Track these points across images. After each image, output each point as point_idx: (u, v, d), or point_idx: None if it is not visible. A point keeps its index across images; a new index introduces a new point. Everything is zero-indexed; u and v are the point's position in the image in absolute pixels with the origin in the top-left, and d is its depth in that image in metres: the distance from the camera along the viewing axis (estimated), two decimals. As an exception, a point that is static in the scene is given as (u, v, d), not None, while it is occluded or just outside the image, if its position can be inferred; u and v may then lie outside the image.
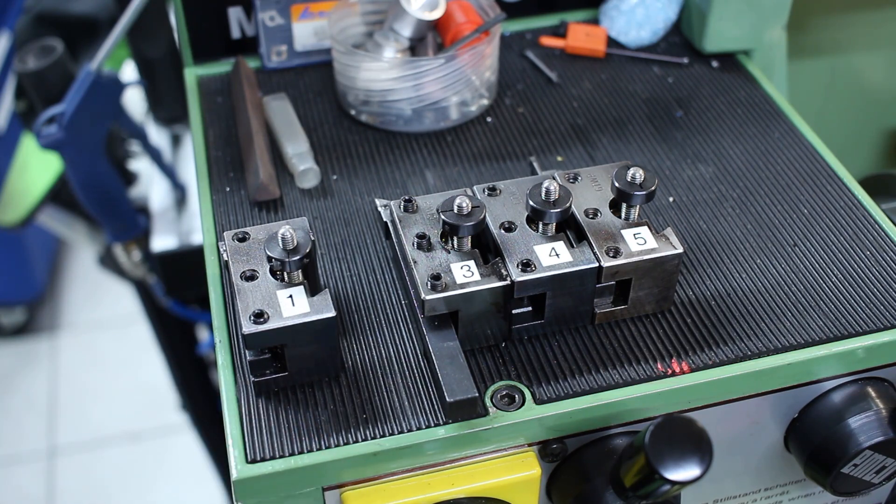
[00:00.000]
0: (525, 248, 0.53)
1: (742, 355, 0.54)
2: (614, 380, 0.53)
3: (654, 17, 0.79)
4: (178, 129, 1.24)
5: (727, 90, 0.75)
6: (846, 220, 0.63)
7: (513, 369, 0.54)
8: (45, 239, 2.01)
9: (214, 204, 0.66)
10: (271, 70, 0.79)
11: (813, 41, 0.98)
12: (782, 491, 0.63)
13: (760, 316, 0.57)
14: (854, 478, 0.57)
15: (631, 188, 0.54)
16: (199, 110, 0.75)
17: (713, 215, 0.64)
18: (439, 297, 0.51)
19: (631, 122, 0.73)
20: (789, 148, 0.69)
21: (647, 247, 0.54)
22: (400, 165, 0.69)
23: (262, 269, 0.53)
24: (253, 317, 0.50)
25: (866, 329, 0.56)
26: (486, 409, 0.51)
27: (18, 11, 1.20)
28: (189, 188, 1.12)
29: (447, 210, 0.52)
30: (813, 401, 0.57)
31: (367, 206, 0.65)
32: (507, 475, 0.52)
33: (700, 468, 0.44)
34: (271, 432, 0.50)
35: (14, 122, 1.33)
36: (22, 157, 1.36)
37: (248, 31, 0.79)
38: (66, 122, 0.87)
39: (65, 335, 2.04)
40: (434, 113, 0.71)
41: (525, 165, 0.69)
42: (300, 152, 0.68)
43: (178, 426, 1.77)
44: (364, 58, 0.70)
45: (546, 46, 0.81)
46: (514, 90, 0.76)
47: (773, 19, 0.76)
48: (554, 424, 0.52)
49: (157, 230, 1.07)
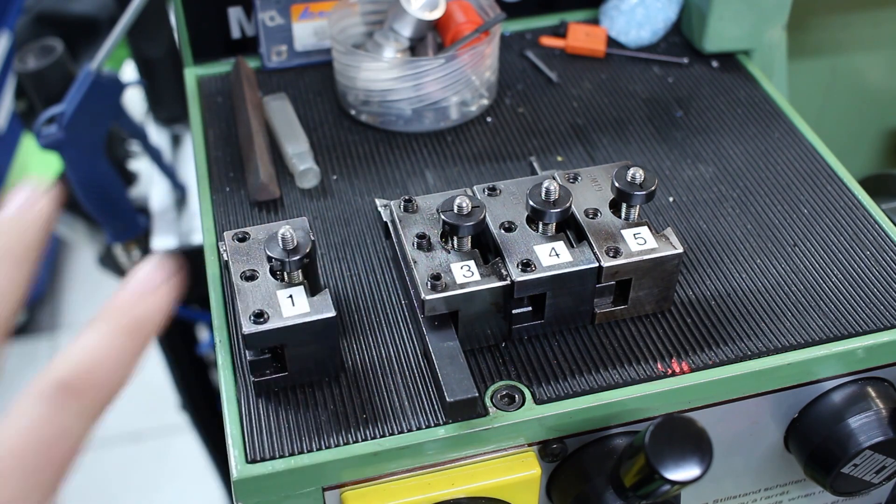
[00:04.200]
0: (525, 248, 0.53)
1: (742, 355, 0.54)
2: (614, 380, 0.53)
3: (654, 17, 0.79)
4: (178, 129, 1.24)
5: (727, 90, 0.75)
6: (846, 220, 0.63)
7: (513, 369, 0.54)
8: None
9: (214, 204, 0.66)
10: (271, 70, 0.79)
11: (813, 41, 0.98)
12: (782, 491, 0.63)
13: (760, 316, 0.57)
14: (854, 478, 0.57)
15: (631, 188, 0.54)
16: (199, 110, 0.75)
17: (713, 215, 0.64)
18: (439, 297, 0.51)
19: (631, 122, 0.73)
20: (789, 148, 0.69)
21: (647, 247, 0.54)
22: (400, 165, 0.69)
23: (262, 269, 0.53)
24: (253, 317, 0.50)
25: (866, 329, 0.56)
26: (486, 409, 0.51)
27: (18, 11, 1.19)
28: (189, 188, 1.12)
29: (447, 210, 0.52)
30: (813, 401, 0.57)
31: (367, 206, 0.65)
32: (507, 475, 0.52)
33: (700, 468, 0.44)
34: (271, 432, 0.50)
35: (14, 122, 1.33)
36: (22, 157, 1.36)
37: (248, 31, 0.79)
38: (66, 122, 0.87)
39: (65, 335, 2.04)
40: (434, 113, 0.71)
41: (525, 165, 0.69)
42: (300, 152, 0.68)
43: (179, 426, 1.77)
44: (364, 58, 0.70)
45: (546, 46, 0.81)
46: (514, 90, 0.76)
47: (773, 19, 0.76)
48: (554, 424, 0.52)
49: (157, 230, 1.07)
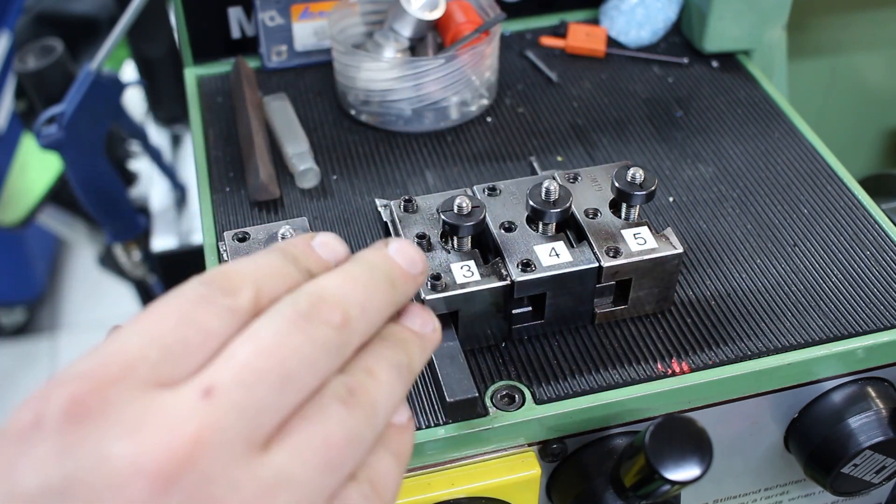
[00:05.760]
0: (525, 248, 0.53)
1: (742, 355, 0.54)
2: (614, 380, 0.53)
3: (654, 17, 0.79)
4: (178, 129, 1.24)
5: (727, 90, 0.75)
6: (846, 220, 0.63)
7: (513, 369, 0.54)
8: (45, 239, 2.00)
9: (214, 204, 0.66)
10: (271, 70, 0.79)
11: (813, 41, 0.98)
12: (782, 491, 0.63)
13: (760, 316, 0.57)
14: (854, 478, 0.57)
15: (631, 188, 0.54)
16: (199, 110, 0.75)
17: (713, 215, 0.64)
18: (439, 297, 0.51)
19: (631, 122, 0.73)
20: (789, 148, 0.69)
21: (647, 247, 0.54)
22: (400, 165, 0.69)
23: (262, 269, 0.52)
24: (253, 317, 0.49)
25: (866, 329, 0.56)
26: (486, 409, 0.51)
27: (18, 11, 1.20)
28: (189, 188, 1.12)
29: (447, 210, 0.52)
30: (813, 401, 0.57)
31: (367, 206, 0.65)
32: (507, 475, 0.52)
33: (700, 468, 0.44)
34: (271, 432, 0.50)
35: (14, 122, 1.33)
36: (22, 157, 1.36)
37: (248, 31, 0.79)
38: (66, 122, 0.87)
39: (65, 335, 2.04)
40: (434, 113, 0.71)
41: (525, 165, 0.69)
42: (300, 152, 0.68)
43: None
44: (364, 58, 0.70)
45: (546, 46, 0.81)
46: (514, 90, 0.76)
47: (773, 19, 0.76)
48: (554, 424, 0.52)
49: (157, 230, 1.07)
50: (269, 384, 0.28)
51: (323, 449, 0.29)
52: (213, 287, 0.30)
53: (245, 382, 0.28)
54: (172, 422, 0.27)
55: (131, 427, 0.27)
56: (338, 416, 0.30)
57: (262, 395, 0.28)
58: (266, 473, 0.28)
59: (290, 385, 0.29)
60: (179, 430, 0.27)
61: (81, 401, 0.27)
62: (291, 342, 0.29)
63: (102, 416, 0.27)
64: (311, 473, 0.29)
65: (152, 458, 0.26)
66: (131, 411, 0.27)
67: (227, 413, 0.27)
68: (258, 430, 0.28)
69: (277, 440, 0.29)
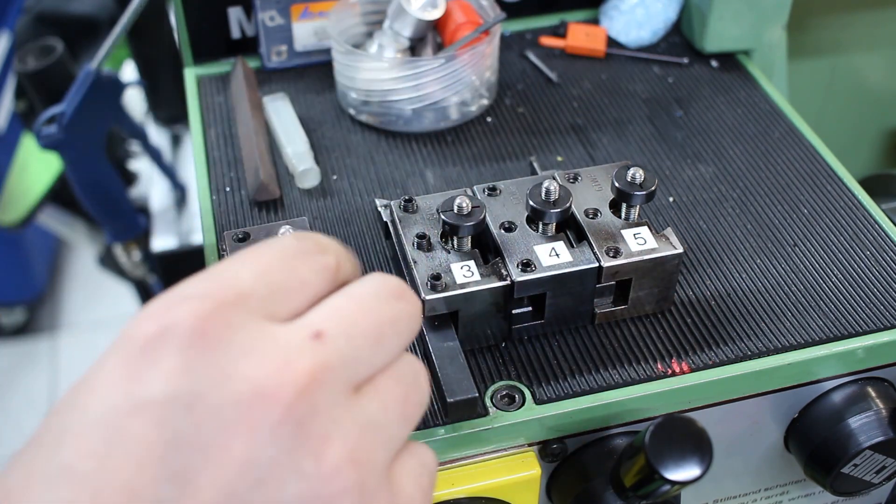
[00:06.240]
0: (525, 248, 0.53)
1: (742, 355, 0.54)
2: (614, 380, 0.53)
3: (654, 17, 0.79)
4: (178, 129, 1.24)
5: (727, 90, 0.75)
6: (846, 220, 0.63)
7: (513, 369, 0.54)
8: (45, 239, 2.00)
9: (214, 204, 0.66)
10: (271, 70, 0.79)
11: (813, 41, 0.98)
12: (782, 491, 0.63)
13: (760, 316, 0.57)
14: (854, 478, 0.57)
15: (631, 188, 0.54)
16: (199, 110, 0.75)
17: (713, 215, 0.64)
18: (439, 297, 0.51)
19: (631, 122, 0.73)
20: (789, 148, 0.69)
21: (647, 247, 0.54)
22: (400, 165, 0.69)
23: (262, 269, 0.52)
24: (253, 317, 0.49)
25: (866, 329, 0.56)
26: (486, 409, 0.51)
27: (18, 11, 1.20)
28: (189, 188, 1.12)
29: (447, 210, 0.52)
30: (813, 401, 0.57)
31: (367, 206, 0.65)
32: (507, 475, 0.52)
33: (700, 468, 0.44)
34: (271, 432, 0.50)
35: (14, 122, 1.33)
36: (22, 157, 1.36)
37: (248, 31, 0.79)
38: (66, 122, 0.87)
39: (65, 335, 2.04)
40: (434, 113, 0.71)
41: (525, 165, 0.69)
42: (300, 152, 0.68)
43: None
44: (364, 58, 0.70)
45: (546, 46, 0.81)
46: (514, 90, 0.76)
47: (773, 19, 0.76)
48: (554, 424, 0.52)
49: (157, 230, 1.07)
50: (366, 340, 0.32)
51: (403, 405, 0.33)
52: (308, 243, 0.34)
53: (348, 334, 0.31)
54: (289, 354, 0.29)
55: (253, 352, 0.29)
56: (413, 382, 0.34)
57: (361, 348, 0.32)
58: (361, 416, 0.31)
59: (381, 346, 0.32)
60: (296, 363, 0.29)
61: (207, 319, 0.29)
62: (386, 310, 0.33)
63: (226, 337, 0.29)
64: (394, 423, 0.32)
65: (276, 383, 0.28)
66: (250, 337, 0.29)
67: (334, 356, 0.30)
68: (354, 378, 0.31)
69: (366, 391, 0.32)
